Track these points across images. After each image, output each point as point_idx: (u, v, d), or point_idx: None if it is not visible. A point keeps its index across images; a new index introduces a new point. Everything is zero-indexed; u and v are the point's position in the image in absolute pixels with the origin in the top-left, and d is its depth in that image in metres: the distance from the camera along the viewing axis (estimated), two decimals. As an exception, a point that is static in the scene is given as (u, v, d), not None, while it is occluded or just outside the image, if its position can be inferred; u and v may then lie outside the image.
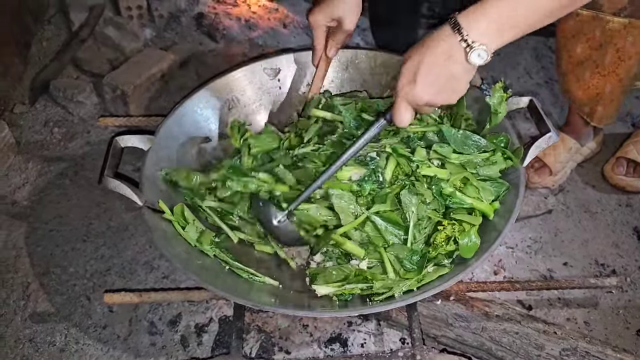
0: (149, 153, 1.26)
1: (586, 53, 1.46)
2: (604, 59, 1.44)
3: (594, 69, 1.47)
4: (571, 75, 1.54)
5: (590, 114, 1.59)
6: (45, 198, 1.69)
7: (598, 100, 1.54)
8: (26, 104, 1.94)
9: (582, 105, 1.58)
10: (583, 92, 1.54)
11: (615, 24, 1.37)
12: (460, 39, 0.91)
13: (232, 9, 2.27)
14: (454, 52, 0.92)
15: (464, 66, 0.93)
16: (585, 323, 1.44)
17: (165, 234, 1.16)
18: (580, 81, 1.52)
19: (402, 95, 0.99)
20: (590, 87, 1.51)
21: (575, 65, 1.50)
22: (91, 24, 2.09)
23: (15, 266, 1.52)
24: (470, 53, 0.91)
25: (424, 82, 0.95)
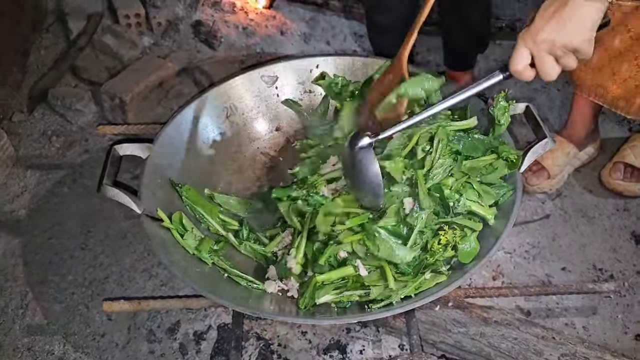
0: (148, 161, 1.26)
1: (627, 45, 1.42)
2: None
3: (633, 60, 1.43)
4: (606, 68, 1.49)
5: (627, 107, 1.53)
6: (44, 206, 1.69)
7: (637, 92, 1.49)
8: (24, 113, 1.95)
9: (616, 99, 1.53)
10: (618, 86, 1.49)
11: None
12: None
13: (229, 17, 2.28)
14: None
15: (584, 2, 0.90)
16: (583, 328, 1.44)
17: (163, 241, 1.16)
18: (616, 74, 1.48)
19: (520, 38, 0.96)
20: (627, 79, 1.47)
21: (612, 58, 1.46)
22: (89, 33, 2.10)
23: (14, 275, 1.52)
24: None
25: (540, 19, 0.92)
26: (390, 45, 2.04)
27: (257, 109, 1.50)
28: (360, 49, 2.29)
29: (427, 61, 2.26)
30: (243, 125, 1.48)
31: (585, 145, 1.77)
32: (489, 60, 2.23)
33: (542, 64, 0.95)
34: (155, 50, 2.13)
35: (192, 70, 2.06)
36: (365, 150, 1.12)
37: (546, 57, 0.94)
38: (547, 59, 0.94)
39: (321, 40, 2.29)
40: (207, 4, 2.29)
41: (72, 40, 2.10)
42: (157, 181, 1.27)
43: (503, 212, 1.16)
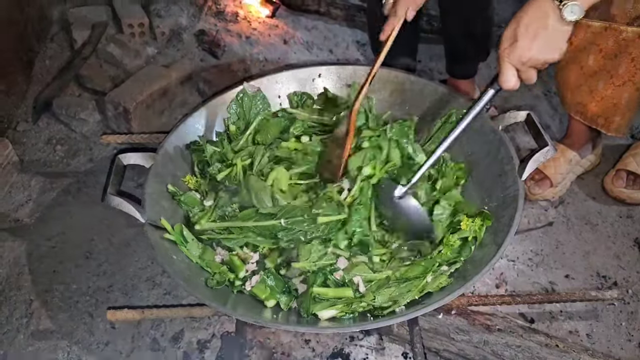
0: (151, 170, 1.27)
1: (600, 64, 1.46)
2: (618, 68, 1.44)
3: (608, 79, 1.47)
4: (584, 87, 1.53)
5: (606, 124, 1.58)
6: (48, 215, 1.70)
7: (615, 111, 1.52)
8: (29, 122, 1.96)
9: (595, 116, 1.57)
10: (597, 104, 1.53)
11: (630, 33, 1.38)
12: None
13: (232, 26, 2.29)
14: (548, 10, 1.00)
15: (560, 22, 1.00)
16: (587, 336, 1.43)
17: (167, 251, 1.17)
18: (594, 92, 1.52)
19: (505, 58, 1.04)
20: (605, 97, 1.51)
21: (588, 77, 1.50)
22: (94, 42, 2.11)
23: (18, 283, 1.53)
24: (564, 10, 0.99)
25: (524, 39, 1.01)
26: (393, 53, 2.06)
27: (260, 118, 1.51)
28: (363, 57, 2.30)
29: (429, 69, 2.27)
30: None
31: (587, 153, 1.78)
32: (491, 68, 2.24)
33: (528, 77, 1.07)
34: (159, 60, 2.14)
35: (196, 79, 2.07)
36: (405, 199, 1.25)
37: (531, 71, 1.06)
38: (532, 72, 1.06)
39: (324, 49, 2.30)
40: (210, 13, 2.31)
41: (77, 50, 2.12)
42: (160, 190, 1.27)
43: (505, 220, 1.17)
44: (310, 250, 1.18)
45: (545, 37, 1.01)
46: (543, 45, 1.01)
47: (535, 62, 1.03)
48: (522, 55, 1.02)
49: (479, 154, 1.34)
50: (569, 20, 0.99)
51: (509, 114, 1.28)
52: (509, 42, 1.03)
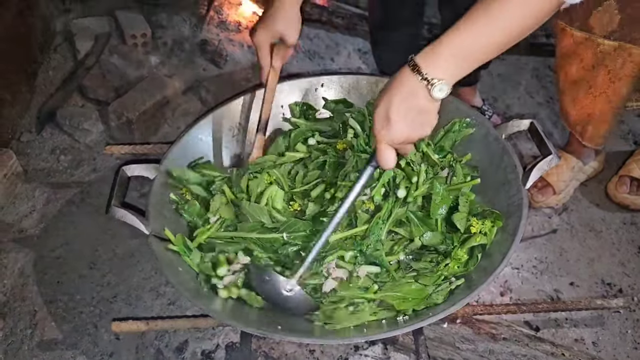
0: (155, 182, 1.28)
1: (580, 73, 1.49)
2: (596, 79, 1.47)
3: (587, 89, 1.50)
4: (567, 94, 1.56)
5: (582, 133, 1.62)
6: (52, 225, 1.70)
7: (589, 120, 1.57)
8: (33, 133, 1.97)
9: (575, 124, 1.61)
10: (576, 112, 1.57)
11: (606, 46, 1.40)
12: (421, 78, 0.97)
13: (235, 35, 2.30)
14: (417, 89, 0.98)
15: (429, 101, 1.00)
16: (593, 344, 1.43)
17: (171, 262, 1.17)
18: (575, 100, 1.55)
19: (380, 139, 1.04)
20: (583, 106, 1.54)
21: (571, 85, 1.53)
22: (97, 53, 2.13)
23: (22, 294, 1.53)
24: (432, 89, 0.97)
25: (396, 121, 1.00)
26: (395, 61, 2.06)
27: (263, 128, 1.51)
28: (365, 65, 2.30)
29: (431, 77, 2.27)
30: (249, 144, 1.49)
31: (589, 159, 1.78)
32: (492, 76, 2.24)
33: (405, 151, 1.09)
34: (161, 70, 2.15)
35: (198, 88, 2.08)
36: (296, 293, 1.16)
37: (408, 146, 1.08)
38: (408, 147, 1.08)
39: (325, 58, 2.31)
40: (212, 23, 2.32)
41: (80, 61, 2.13)
42: (164, 201, 1.28)
43: (509, 229, 1.16)
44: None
45: (417, 116, 1.00)
46: (416, 124, 1.01)
47: (411, 140, 1.04)
48: (397, 137, 1.01)
49: (483, 163, 1.34)
50: (438, 98, 0.99)
51: (512, 123, 1.29)
52: (382, 123, 1.01)
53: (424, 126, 1.02)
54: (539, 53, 2.30)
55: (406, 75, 0.99)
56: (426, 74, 0.96)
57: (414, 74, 0.97)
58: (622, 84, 1.46)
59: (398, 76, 1.01)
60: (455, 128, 1.39)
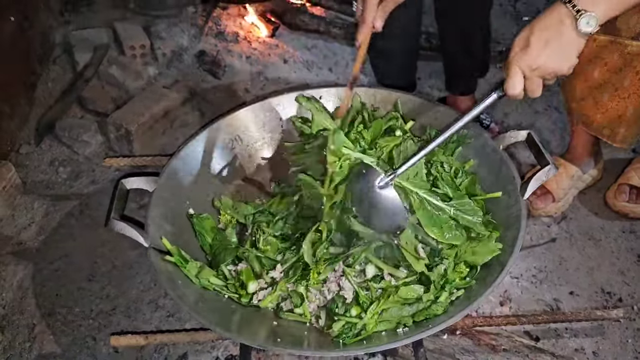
0: (154, 195, 1.28)
1: (605, 77, 1.46)
2: (623, 81, 1.44)
3: (613, 92, 1.47)
4: (589, 98, 1.53)
5: (612, 136, 1.57)
6: (51, 238, 1.70)
7: (620, 122, 1.52)
8: (32, 144, 1.97)
9: (601, 128, 1.57)
10: (602, 115, 1.53)
11: (634, 47, 1.38)
12: (572, 7, 0.97)
13: (233, 46, 2.31)
14: (564, 18, 0.99)
15: (575, 32, 0.99)
16: (593, 354, 1.42)
17: (171, 275, 1.17)
18: (599, 104, 1.51)
19: (514, 62, 1.02)
20: (610, 109, 1.51)
21: (593, 89, 1.50)
22: (95, 64, 2.14)
23: (21, 307, 1.53)
24: (580, 19, 0.97)
25: (537, 45, 1.00)
26: (392, 71, 2.08)
27: (262, 141, 1.52)
28: (362, 75, 2.31)
29: (429, 86, 2.28)
30: (248, 156, 1.50)
31: (588, 168, 1.78)
32: (490, 84, 2.25)
33: (534, 87, 1.05)
34: (160, 81, 2.16)
35: (197, 99, 2.09)
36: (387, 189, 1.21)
37: (538, 80, 1.04)
38: (538, 81, 1.04)
39: (324, 68, 2.32)
40: (210, 34, 2.33)
41: (79, 72, 2.14)
42: (163, 214, 1.28)
43: (508, 239, 1.16)
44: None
45: (558, 45, 0.99)
46: (554, 53, 0.99)
47: (544, 72, 1.01)
48: (533, 61, 1.00)
49: (481, 174, 1.34)
50: (583, 32, 0.98)
51: (509, 134, 1.29)
52: (521, 46, 1.01)
53: (562, 60, 1.01)
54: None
55: (557, 5, 0.99)
56: (577, 3, 0.96)
57: (565, 4, 0.98)
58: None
59: (548, 8, 1.01)
60: (454, 138, 1.39)
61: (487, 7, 1.89)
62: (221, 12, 2.43)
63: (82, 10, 2.38)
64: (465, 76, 2.04)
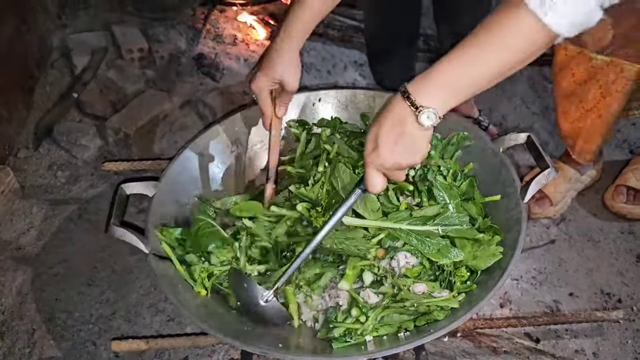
0: (154, 200, 1.27)
1: (572, 87, 1.50)
2: (588, 94, 1.48)
3: (578, 103, 1.51)
4: (560, 107, 1.58)
5: (572, 146, 1.64)
6: (50, 242, 1.70)
7: (579, 134, 1.57)
8: (30, 149, 1.96)
9: (566, 137, 1.63)
10: (568, 125, 1.58)
11: (599, 61, 1.41)
12: (410, 105, 0.97)
13: (231, 49, 2.31)
14: (406, 116, 0.98)
15: (418, 127, 0.99)
16: (594, 354, 1.43)
17: (172, 280, 1.16)
18: (566, 114, 1.56)
19: (369, 163, 1.04)
20: (574, 120, 1.55)
21: (563, 98, 1.54)
22: (94, 68, 2.13)
23: (20, 312, 1.52)
24: (420, 116, 0.97)
25: (385, 147, 1.01)
26: (391, 73, 2.08)
27: (261, 144, 1.52)
28: (361, 77, 2.31)
29: (427, 88, 2.28)
30: (248, 159, 1.50)
31: (586, 170, 1.78)
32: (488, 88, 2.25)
33: (396, 177, 1.07)
34: (158, 84, 2.16)
35: (196, 102, 2.08)
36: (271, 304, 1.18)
37: (398, 172, 1.06)
38: (399, 173, 1.06)
39: (322, 70, 2.32)
40: (208, 37, 2.33)
41: (77, 76, 2.13)
42: (163, 219, 1.27)
43: (509, 242, 1.17)
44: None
45: (405, 142, 1.00)
46: (404, 150, 1.01)
47: (399, 166, 1.03)
48: (385, 161, 1.01)
49: (481, 177, 1.34)
50: (426, 126, 0.98)
51: (509, 136, 1.29)
52: (372, 147, 1.02)
53: (414, 154, 1.02)
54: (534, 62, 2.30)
55: (397, 102, 0.99)
56: (415, 100, 0.96)
57: (404, 101, 0.97)
58: (614, 99, 1.47)
59: (389, 103, 1.01)
60: (454, 141, 1.39)
61: (485, 9, 1.89)
62: (219, 15, 2.42)
63: (79, 13, 2.37)
64: (463, 78, 2.04)
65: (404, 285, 1.13)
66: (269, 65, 1.30)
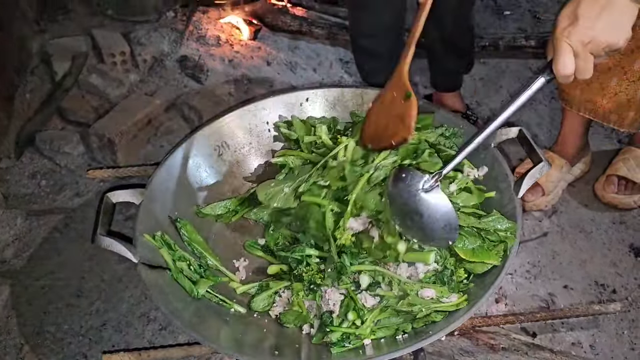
0: (141, 207, 1.24)
1: (615, 60, 1.43)
2: (633, 64, 1.42)
3: (622, 75, 1.44)
4: (595, 84, 1.50)
5: (619, 121, 1.54)
6: (36, 254, 1.66)
7: (630, 106, 1.50)
8: (12, 158, 1.92)
9: (608, 113, 1.54)
10: (608, 100, 1.50)
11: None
12: None
13: (215, 50, 2.28)
14: None
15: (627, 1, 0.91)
16: (590, 347, 1.43)
17: (162, 289, 1.14)
18: (606, 89, 1.49)
19: (563, 38, 0.93)
20: (618, 93, 1.48)
21: (601, 74, 1.46)
22: (75, 73, 2.09)
23: (8, 327, 1.49)
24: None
25: (588, 16, 0.91)
26: (378, 70, 2.06)
27: (249, 146, 1.49)
28: (347, 75, 2.29)
29: (414, 83, 2.27)
30: (236, 162, 1.47)
31: (577, 160, 1.78)
32: (475, 80, 2.25)
33: (584, 66, 0.95)
34: (142, 88, 2.12)
35: (180, 105, 2.05)
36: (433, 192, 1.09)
37: (590, 57, 0.94)
38: (590, 58, 0.94)
39: (307, 69, 2.29)
40: (191, 38, 2.29)
41: (58, 82, 2.09)
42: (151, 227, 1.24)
43: (504, 240, 1.15)
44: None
45: (611, 15, 0.90)
46: (608, 25, 0.90)
47: (597, 46, 0.92)
48: (584, 34, 0.90)
49: (473, 172, 1.33)
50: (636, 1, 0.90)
51: (500, 131, 1.28)
52: (569, 20, 0.92)
53: (616, 31, 0.91)
54: (520, 56, 2.31)
55: None
56: None
57: None
58: None
59: None
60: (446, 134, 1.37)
61: (471, 4, 1.88)
62: (201, 16, 2.39)
63: (58, 18, 2.33)
64: (451, 73, 2.03)
65: (412, 290, 1.10)
66: None
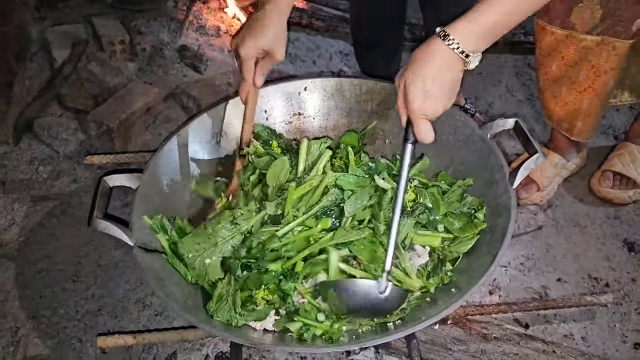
0: (138, 192, 1.25)
1: (562, 70, 1.50)
2: (579, 75, 1.48)
3: (570, 85, 1.51)
4: (548, 92, 1.57)
5: (569, 129, 1.62)
6: (33, 238, 1.66)
7: (577, 116, 1.57)
8: (10, 144, 1.92)
9: (560, 121, 1.62)
10: (560, 108, 1.58)
11: (589, 41, 1.41)
12: (458, 51, 1.03)
13: (214, 40, 2.28)
14: (454, 62, 1.04)
15: (462, 72, 1.07)
16: (582, 339, 1.44)
17: (158, 273, 1.14)
18: (557, 97, 1.56)
19: (421, 115, 1.06)
20: (568, 103, 1.55)
21: (552, 82, 1.54)
22: (74, 61, 2.09)
23: (4, 311, 1.49)
24: (470, 62, 1.05)
25: (437, 95, 1.04)
26: (377, 62, 2.07)
27: (247, 133, 1.50)
28: (347, 67, 2.30)
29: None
30: (234, 151, 1.47)
31: (572, 156, 1.79)
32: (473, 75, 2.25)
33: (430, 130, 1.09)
34: (141, 76, 2.12)
35: (179, 94, 2.05)
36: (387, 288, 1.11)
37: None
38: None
39: (307, 61, 2.30)
40: (191, 28, 2.30)
41: (57, 69, 2.09)
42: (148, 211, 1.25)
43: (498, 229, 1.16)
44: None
45: (452, 87, 1.06)
46: (450, 95, 1.06)
47: (440, 113, 1.07)
48: (437, 108, 1.05)
49: (469, 164, 1.34)
50: (471, 69, 1.06)
51: (496, 122, 1.29)
52: (422, 97, 1.04)
53: (452, 98, 1.07)
54: (518, 51, 2.32)
55: (439, 48, 1.03)
56: (463, 46, 1.01)
57: (448, 47, 1.02)
58: (608, 77, 1.47)
59: (428, 49, 1.04)
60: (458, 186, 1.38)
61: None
62: (202, 6, 2.39)
63: (58, 5, 2.33)
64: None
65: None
66: (259, 32, 1.27)
